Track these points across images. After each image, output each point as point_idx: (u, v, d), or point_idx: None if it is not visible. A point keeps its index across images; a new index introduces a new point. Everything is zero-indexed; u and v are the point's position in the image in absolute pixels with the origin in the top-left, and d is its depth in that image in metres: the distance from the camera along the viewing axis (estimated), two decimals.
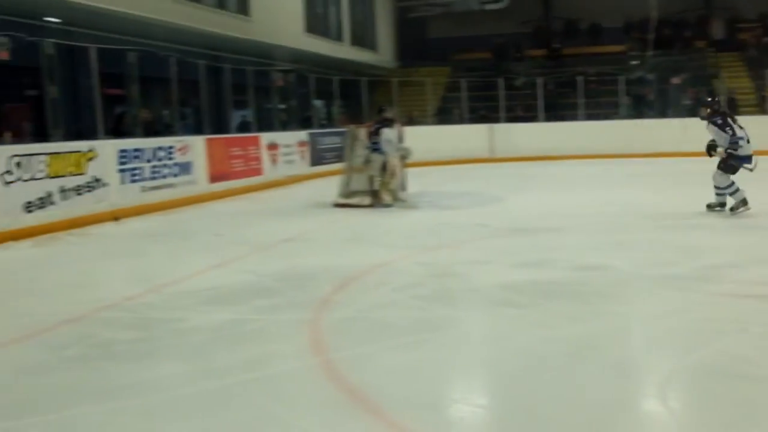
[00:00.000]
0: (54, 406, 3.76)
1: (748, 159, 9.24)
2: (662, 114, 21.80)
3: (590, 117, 21.75)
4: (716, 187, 9.43)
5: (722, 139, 9.26)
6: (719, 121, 9.31)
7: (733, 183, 9.25)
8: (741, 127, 9.29)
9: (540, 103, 22.11)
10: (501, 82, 22.29)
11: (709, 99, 10.65)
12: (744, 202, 9.15)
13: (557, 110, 22.85)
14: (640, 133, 20.31)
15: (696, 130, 9.98)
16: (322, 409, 3.67)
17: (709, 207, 9.50)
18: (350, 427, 3.45)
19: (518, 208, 10.97)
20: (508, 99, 22.33)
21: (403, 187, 11.64)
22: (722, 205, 9.42)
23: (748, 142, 9.24)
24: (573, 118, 21.73)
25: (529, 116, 22.32)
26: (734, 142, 9.12)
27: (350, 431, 3.43)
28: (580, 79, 22.02)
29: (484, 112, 23.03)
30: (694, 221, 9.00)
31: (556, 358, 4.26)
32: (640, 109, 22.14)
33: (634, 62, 23.94)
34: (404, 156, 11.59)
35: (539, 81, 22.12)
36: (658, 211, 9.76)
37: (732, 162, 9.19)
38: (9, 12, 12.27)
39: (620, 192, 12.67)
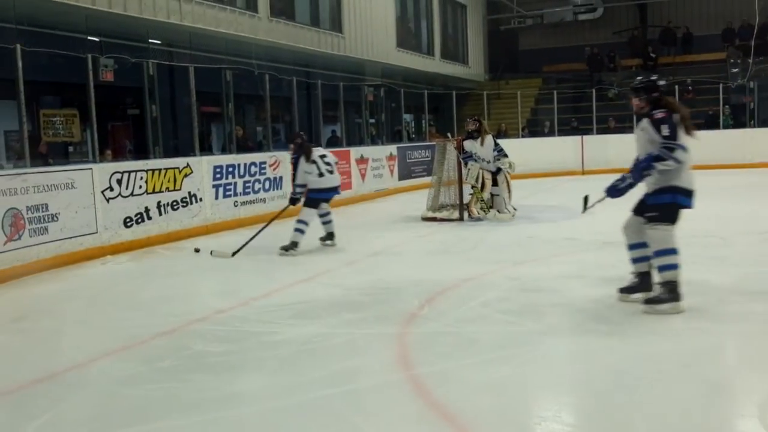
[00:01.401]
0: (147, 417, 3.87)
1: (332, 191, 8.86)
2: (764, 123, 21.02)
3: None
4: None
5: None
6: (293, 161, 8.77)
7: (306, 223, 8.68)
8: (314, 161, 8.64)
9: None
10: (593, 93, 21.94)
11: (298, 132, 9.75)
12: (294, 245, 8.55)
13: None
14: (741, 143, 19.64)
15: None
16: (408, 424, 3.67)
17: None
18: None
19: (610, 221, 10.64)
20: (600, 110, 21.94)
21: (509, 199, 11.37)
22: (295, 245, 8.64)
23: (321, 175, 8.66)
24: None
25: (621, 127, 21.84)
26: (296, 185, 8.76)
27: None
28: (676, 88, 21.44)
29: (575, 124, 22.68)
30: None
31: (649, 377, 4.12)
32: (740, 118, 21.38)
33: (734, 70, 23.12)
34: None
35: None
36: (762, 225, 9.36)
37: (311, 196, 8.74)
38: (116, 35, 12.84)
39: (719, 204, 12.20)
